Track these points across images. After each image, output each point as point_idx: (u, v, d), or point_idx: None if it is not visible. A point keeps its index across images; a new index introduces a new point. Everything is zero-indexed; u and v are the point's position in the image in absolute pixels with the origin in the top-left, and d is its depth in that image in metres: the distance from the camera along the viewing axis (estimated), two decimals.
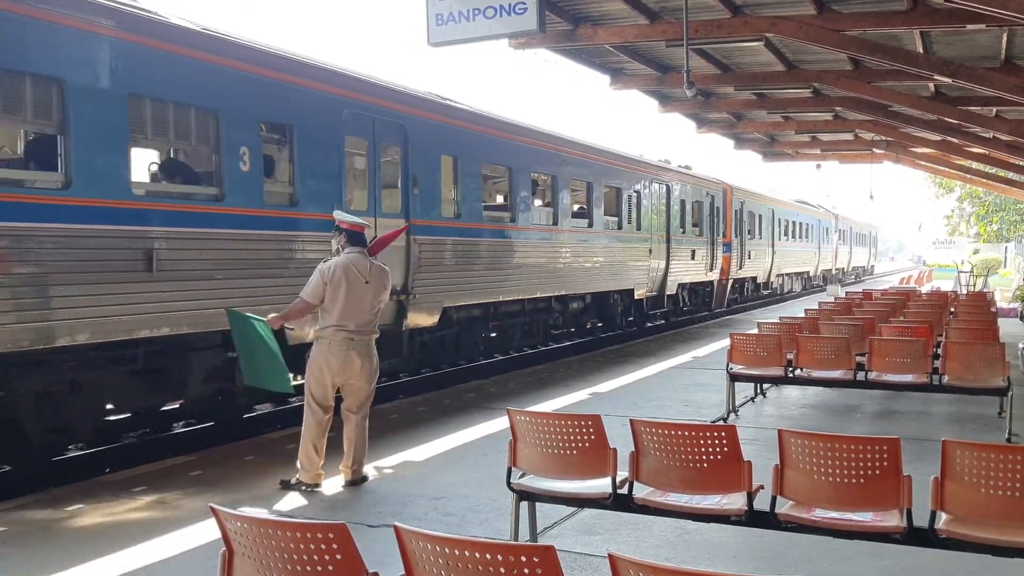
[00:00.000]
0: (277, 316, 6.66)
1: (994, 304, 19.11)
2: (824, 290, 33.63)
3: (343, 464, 6.66)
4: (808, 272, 38.66)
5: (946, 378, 8.42)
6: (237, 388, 8.99)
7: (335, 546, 2.81)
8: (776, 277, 32.38)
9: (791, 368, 9.09)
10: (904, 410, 9.59)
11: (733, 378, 9.24)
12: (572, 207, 15.78)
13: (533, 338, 15.71)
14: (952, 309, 15.49)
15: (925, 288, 29.38)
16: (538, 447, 4.89)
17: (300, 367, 6.75)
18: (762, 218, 29.19)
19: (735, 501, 4.44)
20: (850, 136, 23.76)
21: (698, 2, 11.38)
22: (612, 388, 11.29)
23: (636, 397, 10.55)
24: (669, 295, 20.46)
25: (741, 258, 26.40)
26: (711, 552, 5.10)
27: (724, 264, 24.57)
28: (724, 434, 4.56)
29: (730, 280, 25.68)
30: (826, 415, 9.49)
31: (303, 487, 6.43)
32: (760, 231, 28.97)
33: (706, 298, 24.10)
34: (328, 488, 6.52)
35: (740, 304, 28.28)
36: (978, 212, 44.84)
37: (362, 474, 6.72)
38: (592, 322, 18.23)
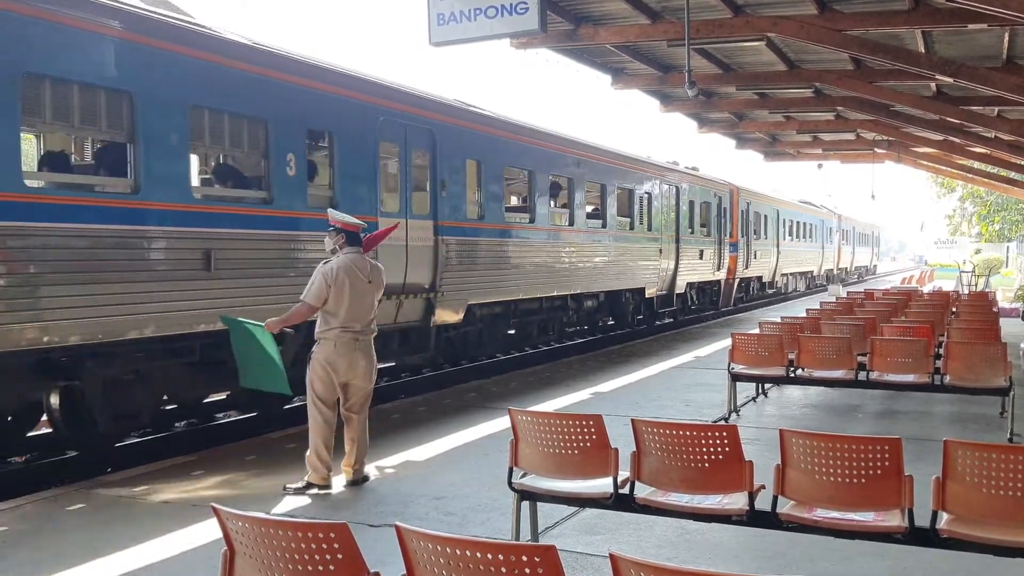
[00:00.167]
0: (277, 320, 6.60)
1: (996, 304, 19.10)
2: (827, 289, 33.72)
3: (345, 464, 6.66)
4: (812, 272, 39.05)
5: (948, 378, 8.41)
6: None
7: (336, 546, 2.81)
8: (781, 277, 32.81)
9: (792, 368, 9.09)
10: (905, 410, 9.58)
11: (735, 378, 9.24)
12: (587, 208, 16.22)
13: (549, 335, 16.20)
14: (954, 309, 15.47)
15: (927, 288, 29.38)
16: (539, 447, 4.89)
17: (300, 369, 6.72)
18: (767, 218, 29.56)
19: (736, 501, 4.44)
20: (852, 136, 23.75)
21: (699, 2, 11.38)
22: (614, 388, 11.29)
23: (638, 397, 10.55)
24: (678, 294, 20.87)
25: (747, 258, 26.80)
26: (712, 552, 5.10)
27: (731, 264, 24.96)
28: (725, 434, 4.56)
29: (737, 279, 26.11)
30: (827, 415, 9.48)
31: (314, 488, 6.40)
32: (765, 231, 29.36)
33: (713, 297, 24.55)
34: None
35: (746, 303, 28.61)
36: (980, 212, 44.84)
37: (363, 473, 6.72)
38: (603, 320, 18.64)
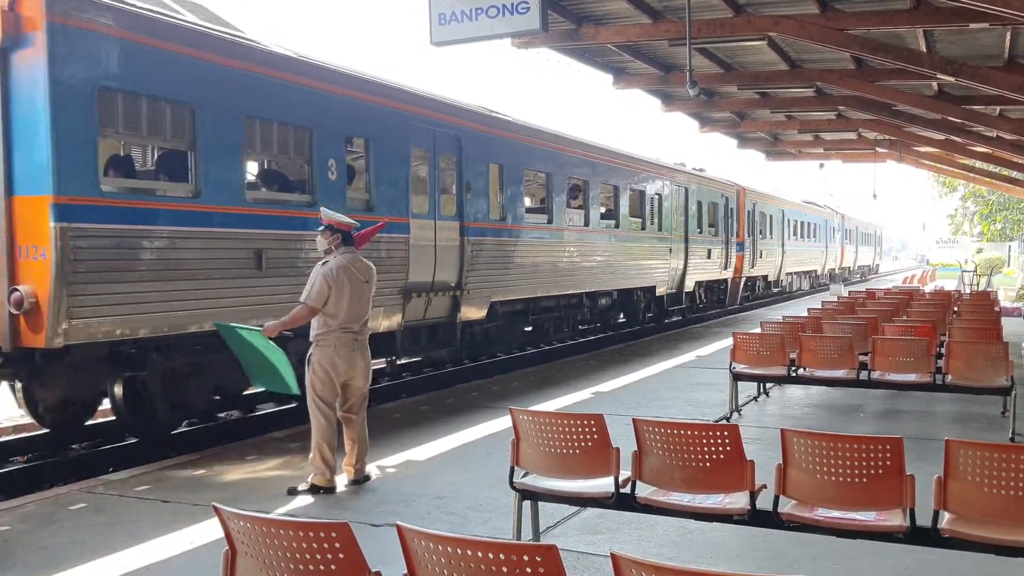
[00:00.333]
0: (276, 324, 6.55)
1: (998, 303, 19.07)
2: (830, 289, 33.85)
3: (346, 464, 6.65)
4: (816, 271, 39.47)
5: (949, 377, 8.40)
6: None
7: (338, 545, 2.81)
8: (786, 276, 33.32)
9: (794, 367, 9.08)
10: (907, 409, 9.57)
11: (736, 377, 9.23)
12: (601, 209, 16.74)
13: (564, 332, 16.69)
14: (955, 308, 15.45)
15: (928, 287, 29.36)
16: (541, 446, 4.88)
17: (299, 370, 6.72)
18: (773, 219, 29.99)
19: (738, 500, 4.43)
20: (853, 135, 23.74)
21: (701, 1, 11.38)
22: (615, 387, 11.29)
23: (639, 396, 10.55)
24: (687, 292, 21.47)
25: (753, 257, 27.28)
26: (714, 551, 5.10)
27: (738, 263, 25.47)
28: (727, 433, 4.55)
29: (743, 278, 26.60)
30: (829, 414, 9.47)
31: (319, 491, 6.39)
32: (771, 231, 29.82)
33: (721, 295, 25.10)
34: None
35: (752, 302, 29.07)
36: (982, 211, 44.83)
37: (365, 473, 6.72)
38: (614, 318, 19.18)
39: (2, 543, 5.36)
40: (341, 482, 6.57)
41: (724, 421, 8.78)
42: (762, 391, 10.46)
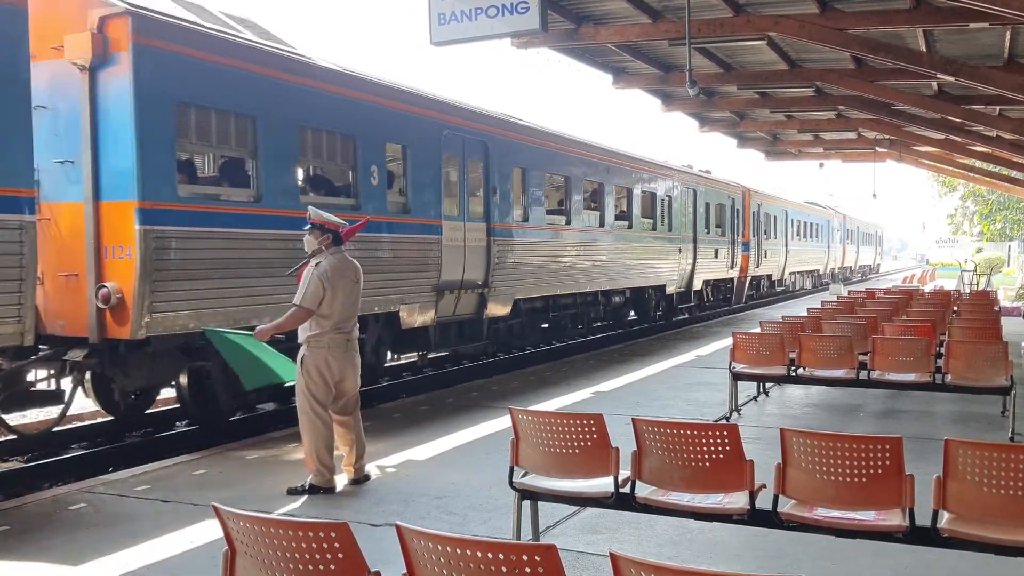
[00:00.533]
0: (269, 327, 6.50)
1: (997, 303, 19.06)
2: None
3: (346, 464, 6.65)
4: (818, 270, 40.03)
5: (949, 377, 8.39)
6: (365, 362, 10.92)
7: (337, 545, 2.81)
8: (789, 275, 33.90)
9: (794, 367, 9.08)
10: (907, 409, 9.57)
11: (736, 377, 9.23)
12: (615, 210, 17.44)
13: (580, 328, 17.35)
14: (955, 308, 15.45)
15: (928, 287, 29.37)
16: (540, 446, 4.88)
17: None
18: (776, 219, 30.58)
19: (737, 500, 4.43)
20: (853, 135, 23.73)
21: (700, 1, 11.38)
22: (615, 387, 11.29)
23: (638, 396, 10.55)
24: (695, 291, 22.17)
25: (758, 257, 27.88)
26: (713, 551, 5.10)
27: (743, 262, 26.08)
28: (726, 433, 4.55)
29: (748, 277, 27.18)
30: (829, 414, 9.48)
31: (319, 491, 6.37)
32: (775, 231, 30.42)
33: (727, 294, 25.90)
34: None
35: (756, 300, 29.62)
36: (981, 211, 44.84)
37: (364, 472, 6.72)
38: (625, 315, 19.69)
39: (2, 543, 5.36)
40: (340, 482, 6.58)
41: (724, 421, 8.79)
42: (762, 391, 10.46)
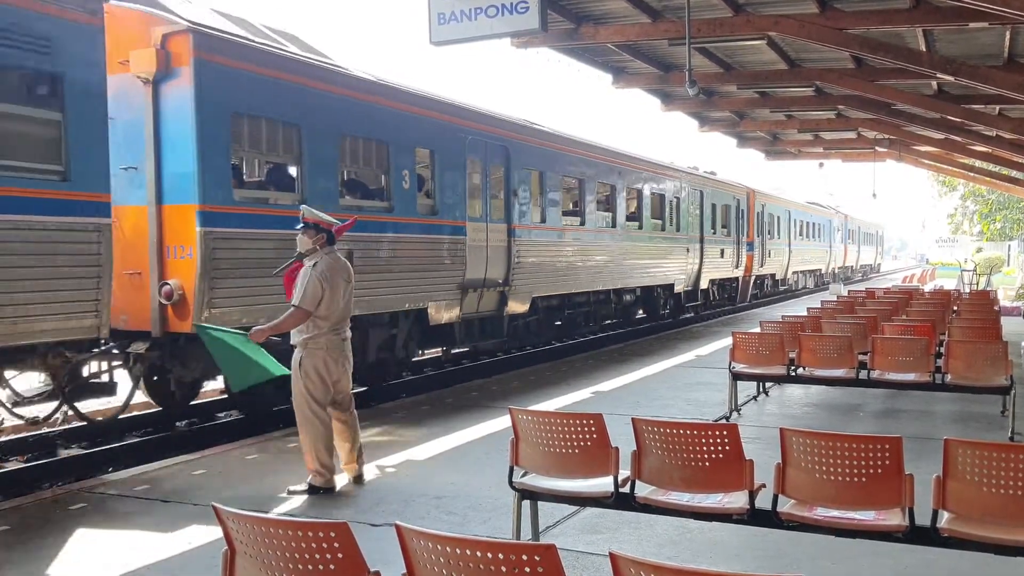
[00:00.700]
0: (265, 328, 6.45)
1: (997, 303, 19.05)
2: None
3: (346, 462, 6.64)
4: (820, 270, 40.54)
5: (949, 377, 8.39)
6: (395, 357, 11.64)
7: (336, 545, 2.81)
8: (792, 274, 34.52)
9: (793, 367, 9.08)
10: (907, 409, 9.57)
11: (735, 377, 9.23)
12: (627, 211, 18.05)
13: (592, 325, 17.93)
14: (955, 308, 15.45)
15: (928, 287, 29.37)
16: (540, 446, 4.89)
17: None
18: (780, 219, 31.15)
19: (737, 500, 4.43)
20: (853, 135, 23.73)
21: (700, 1, 11.38)
22: (614, 387, 11.29)
23: (638, 396, 10.55)
24: (702, 290, 22.81)
25: (762, 256, 28.50)
26: (713, 551, 5.10)
27: (748, 262, 26.69)
28: (726, 433, 4.55)
29: (753, 277, 27.80)
30: (828, 414, 9.48)
31: (319, 491, 6.36)
32: (778, 232, 31.00)
33: (732, 293, 26.53)
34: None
35: (760, 299, 30.19)
36: (981, 210, 44.82)
37: (361, 471, 6.71)
38: (634, 314, 20.36)
39: (2, 543, 5.37)
40: (340, 482, 6.57)
41: (723, 420, 8.79)
42: (761, 390, 10.46)
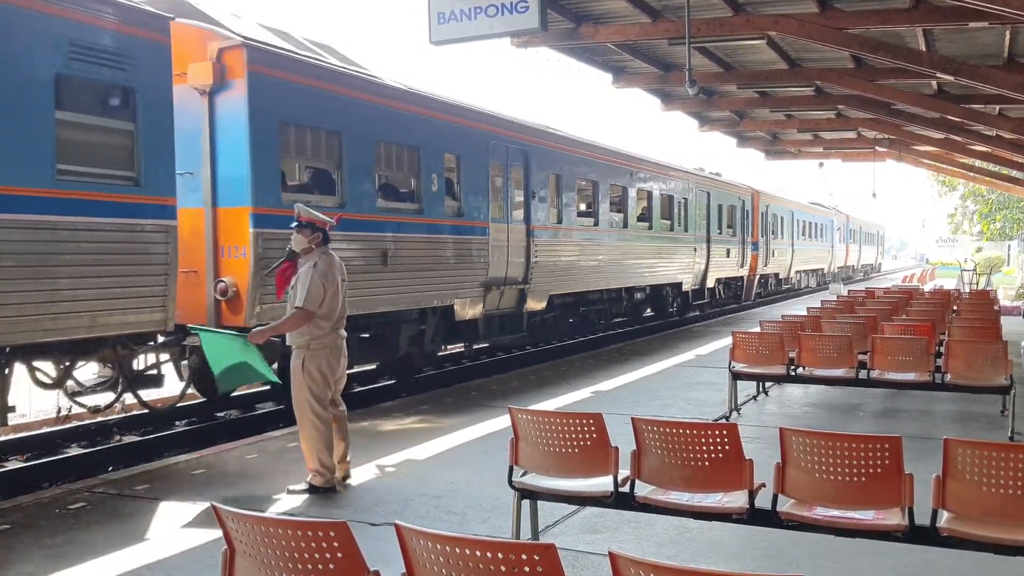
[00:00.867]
0: (265, 329, 6.40)
1: (997, 302, 19.04)
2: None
3: (338, 461, 6.58)
4: (823, 269, 40.91)
5: (948, 376, 8.39)
6: (425, 351, 12.21)
7: (336, 544, 2.81)
8: (795, 273, 35.01)
9: (793, 366, 9.08)
10: (906, 408, 9.57)
11: (735, 376, 9.23)
12: (637, 212, 18.63)
13: (602, 323, 18.56)
14: (955, 307, 15.45)
15: (928, 286, 29.38)
16: (540, 445, 4.89)
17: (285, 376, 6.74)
18: (783, 220, 31.61)
19: (737, 499, 4.43)
20: (853, 135, 23.71)
21: (700, 0, 11.37)
22: (614, 386, 11.29)
23: (638, 395, 10.55)
24: (708, 288, 23.41)
25: (766, 256, 29.02)
26: (712, 550, 5.10)
27: (752, 261, 27.24)
28: (726, 432, 4.55)
29: (757, 276, 28.29)
30: (828, 413, 9.48)
31: (318, 491, 6.34)
32: (782, 232, 31.49)
33: (737, 291, 27.13)
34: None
35: (764, 298, 30.68)
36: (981, 210, 44.82)
37: (349, 471, 6.70)
38: (642, 312, 20.96)
39: (2, 543, 5.36)
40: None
41: (723, 420, 8.79)
42: (761, 390, 10.46)
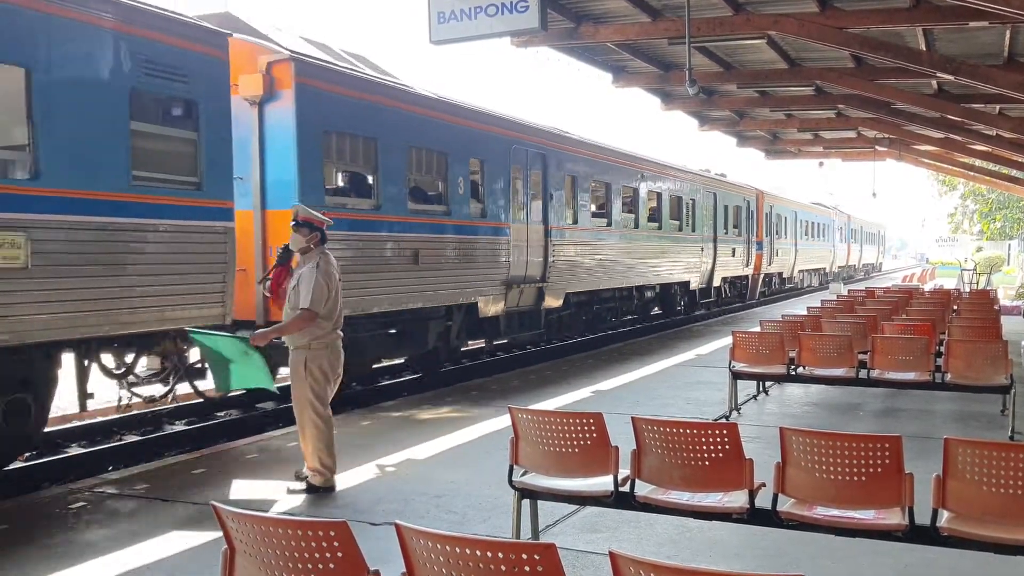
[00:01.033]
0: (269, 331, 6.38)
1: (997, 302, 19.03)
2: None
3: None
4: (825, 268, 41.31)
5: (949, 376, 8.39)
6: (450, 346, 12.76)
7: (336, 544, 2.81)
8: (798, 272, 35.49)
9: (793, 366, 9.07)
10: (906, 408, 9.57)
11: (735, 376, 9.23)
12: (648, 213, 19.16)
13: (613, 321, 19.15)
14: (955, 307, 15.45)
15: (928, 286, 29.38)
16: (540, 445, 4.89)
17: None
18: (787, 220, 32.07)
19: (737, 499, 4.43)
20: (852, 134, 23.70)
21: (700, 0, 11.36)
22: (614, 386, 11.29)
23: (638, 395, 10.55)
24: (715, 287, 24.03)
25: (770, 255, 29.55)
26: (712, 550, 5.10)
27: (757, 261, 27.77)
28: (726, 432, 4.55)
29: (762, 275, 28.81)
30: (828, 413, 9.48)
31: (318, 490, 6.34)
32: (785, 232, 31.94)
33: (743, 290, 27.72)
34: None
35: (767, 296, 31.01)
36: (981, 210, 44.83)
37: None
38: (650, 310, 21.37)
39: (2, 543, 5.36)
40: (339, 481, 6.57)
41: (723, 420, 8.78)
42: (761, 390, 10.46)
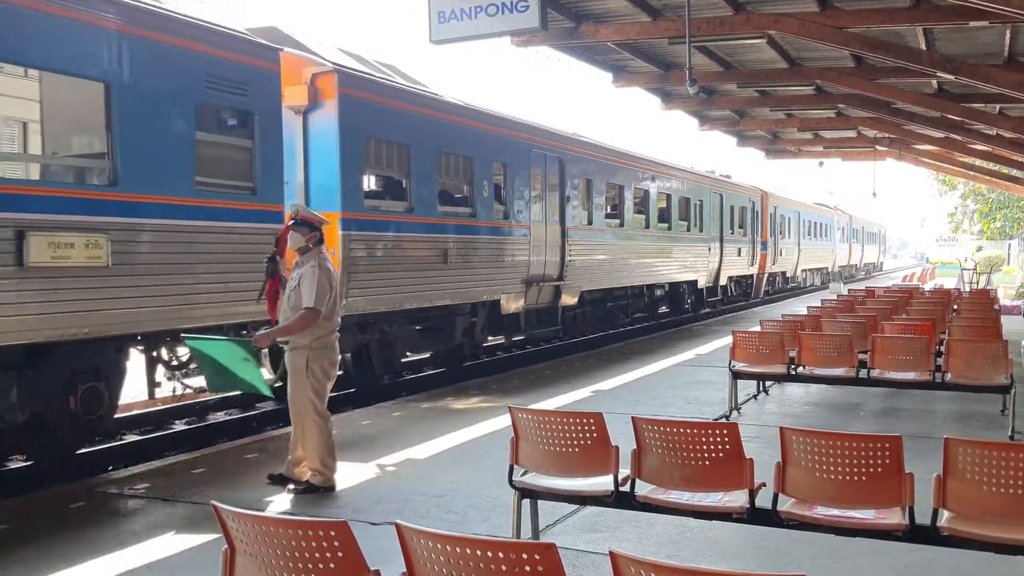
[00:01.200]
0: (272, 332, 6.32)
1: (997, 302, 19.03)
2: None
3: (298, 463, 6.56)
4: (827, 268, 41.85)
5: (949, 376, 8.38)
6: (475, 341, 13.43)
7: (336, 544, 2.81)
8: (801, 272, 36.10)
9: (793, 366, 9.07)
10: (907, 408, 9.57)
11: (736, 376, 9.23)
12: (658, 213, 19.85)
13: (627, 317, 19.63)
14: (955, 307, 15.45)
15: (928, 285, 29.39)
16: (540, 445, 4.88)
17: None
18: (790, 220, 32.62)
19: (737, 499, 4.43)
20: (853, 134, 23.69)
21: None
22: (615, 386, 11.29)
23: (638, 395, 10.55)
24: (721, 286, 24.69)
25: (775, 255, 30.17)
26: (713, 550, 5.10)
27: (762, 260, 28.40)
28: (726, 432, 4.55)
29: (766, 274, 29.43)
30: (828, 413, 9.48)
31: (318, 490, 6.34)
32: (789, 232, 32.51)
33: (748, 289, 28.43)
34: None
35: (771, 295, 31.65)
36: (981, 209, 44.84)
37: None
38: (658, 308, 21.93)
39: (2, 543, 5.36)
40: (339, 481, 6.57)
41: (723, 419, 8.78)
42: (761, 389, 10.46)
